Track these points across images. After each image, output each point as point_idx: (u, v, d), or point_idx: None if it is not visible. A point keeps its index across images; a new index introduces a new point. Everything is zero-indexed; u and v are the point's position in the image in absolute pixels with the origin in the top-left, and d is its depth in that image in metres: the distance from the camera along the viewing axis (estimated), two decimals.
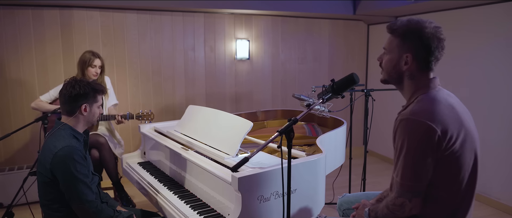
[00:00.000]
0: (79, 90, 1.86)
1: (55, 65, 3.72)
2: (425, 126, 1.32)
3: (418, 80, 1.46)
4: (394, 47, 1.48)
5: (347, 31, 5.04)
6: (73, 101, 1.87)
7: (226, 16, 4.35)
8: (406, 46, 1.45)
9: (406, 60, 1.45)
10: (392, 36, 1.50)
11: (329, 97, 1.57)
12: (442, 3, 3.54)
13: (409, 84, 1.48)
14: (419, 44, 1.42)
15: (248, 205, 1.70)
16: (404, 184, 1.39)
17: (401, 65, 1.47)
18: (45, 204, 1.88)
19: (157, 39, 4.08)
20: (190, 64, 4.26)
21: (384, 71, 1.55)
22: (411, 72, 1.46)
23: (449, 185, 1.39)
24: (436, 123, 1.32)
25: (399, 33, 1.47)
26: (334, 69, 5.04)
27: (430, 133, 1.32)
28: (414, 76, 1.46)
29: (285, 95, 4.81)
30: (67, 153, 1.77)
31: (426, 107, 1.37)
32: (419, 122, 1.33)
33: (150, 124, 2.89)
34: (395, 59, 1.48)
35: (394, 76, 1.51)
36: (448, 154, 1.35)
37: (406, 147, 1.35)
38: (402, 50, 1.46)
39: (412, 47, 1.43)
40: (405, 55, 1.45)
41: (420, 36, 1.42)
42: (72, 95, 1.86)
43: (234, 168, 1.30)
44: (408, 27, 1.45)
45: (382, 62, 1.55)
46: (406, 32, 1.45)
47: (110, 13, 3.84)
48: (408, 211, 1.41)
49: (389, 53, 1.51)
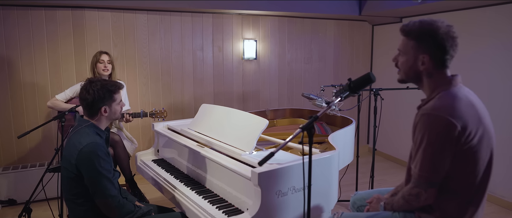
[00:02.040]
0: (94, 96, 1.91)
1: (68, 65, 3.78)
2: (446, 121, 1.39)
3: (436, 77, 1.53)
4: (410, 49, 1.55)
5: (352, 32, 5.11)
6: (92, 107, 1.94)
7: (234, 16, 4.42)
8: (421, 47, 1.51)
9: (423, 61, 1.52)
10: (406, 38, 1.56)
11: (347, 95, 1.64)
12: (449, 4, 3.60)
13: (429, 82, 1.55)
14: (434, 45, 1.49)
15: (266, 200, 1.77)
16: (422, 175, 1.46)
17: (418, 65, 1.54)
18: (70, 199, 1.95)
19: (167, 39, 4.14)
20: (198, 64, 4.33)
21: (401, 72, 1.61)
22: (428, 71, 1.53)
23: (465, 178, 1.46)
24: (457, 119, 1.39)
25: (413, 35, 1.53)
26: (339, 69, 5.11)
27: (450, 127, 1.38)
28: (432, 74, 1.53)
29: (291, 94, 4.88)
30: (92, 149, 1.84)
31: (447, 103, 1.43)
32: (440, 117, 1.40)
33: (163, 122, 2.95)
34: (412, 60, 1.55)
35: (412, 76, 1.58)
36: (466, 149, 1.42)
37: (426, 140, 1.42)
38: (418, 51, 1.52)
39: (428, 48, 1.50)
40: (421, 56, 1.52)
41: (434, 37, 1.48)
42: (90, 102, 1.92)
43: (261, 162, 1.37)
44: (422, 28, 1.51)
45: (398, 63, 1.62)
46: (420, 34, 1.51)
47: (121, 14, 3.91)
48: (423, 201, 1.49)
49: (405, 55, 1.57)
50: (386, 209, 1.65)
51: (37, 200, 3.01)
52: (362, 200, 1.97)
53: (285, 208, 1.85)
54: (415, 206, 1.53)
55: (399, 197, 1.58)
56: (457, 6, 3.74)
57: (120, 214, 1.90)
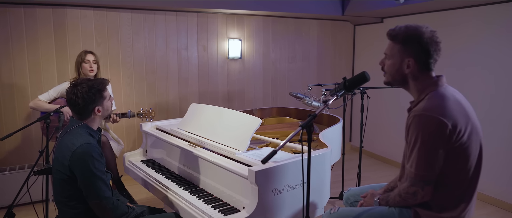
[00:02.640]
0: (85, 100, 1.87)
1: (48, 65, 3.68)
2: (437, 121, 1.45)
3: (422, 79, 1.60)
4: (396, 52, 1.62)
5: (334, 32, 5.19)
6: (84, 110, 1.91)
7: (218, 16, 4.41)
8: (407, 51, 1.59)
9: (408, 64, 1.59)
10: (392, 42, 1.64)
11: (342, 93, 1.68)
12: (430, 4, 3.72)
13: (415, 84, 1.62)
14: (419, 49, 1.56)
15: (263, 198, 1.79)
16: (418, 174, 1.51)
17: (404, 68, 1.61)
18: (62, 201, 1.90)
19: (151, 39, 4.09)
20: (183, 63, 4.30)
21: (387, 74, 1.68)
22: (413, 74, 1.60)
23: (458, 173, 1.52)
24: (447, 118, 1.46)
25: (399, 40, 1.60)
26: (322, 68, 5.18)
27: (442, 127, 1.45)
28: (417, 77, 1.60)
29: (275, 93, 4.92)
30: (86, 150, 1.81)
31: (437, 103, 1.50)
32: (432, 117, 1.46)
33: (151, 122, 2.92)
34: (398, 63, 1.62)
35: (398, 79, 1.65)
36: (457, 146, 1.48)
37: (420, 140, 1.48)
38: (403, 55, 1.60)
39: (413, 52, 1.58)
40: (407, 59, 1.59)
41: (419, 41, 1.56)
42: (81, 107, 1.89)
43: (264, 160, 1.38)
44: (407, 33, 1.58)
45: (384, 66, 1.68)
46: (406, 39, 1.58)
47: (104, 12, 3.83)
48: (420, 198, 1.54)
49: (391, 58, 1.64)
50: (381, 205, 1.70)
51: (19, 204, 2.92)
52: (355, 196, 2.02)
53: (281, 206, 1.87)
54: (411, 203, 1.59)
55: (395, 194, 1.63)
56: (439, 7, 3.87)
57: (114, 215, 1.87)
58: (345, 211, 1.77)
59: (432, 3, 3.62)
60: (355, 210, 1.73)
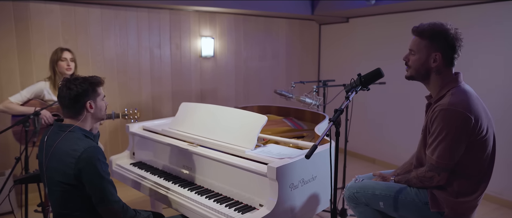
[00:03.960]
0: (77, 89, 1.77)
1: (9, 64, 3.36)
2: (463, 115, 1.58)
3: (444, 74, 1.72)
4: (423, 47, 1.72)
5: (301, 31, 5.33)
6: (75, 102, 1.78)
7: (191, 13, 4.32)
8: (434, 46, 1.69)
9: (435, 58, 1.70)
10: (419, 38, 1.73)
11: (360, 89, 1.75)
12: (401, 5, 3.95)
13: (437, 79, 1.73)
14: (445, 45, 1.68)
15: (282, 193, 1.81)
16: (439, 162, 1.63)
17: (430, 62, 1.71)
18: (65, 214, 1.76)
19: (122, 36, 3.90)
20: (156, 62, 4.16)
21: (411, 69, 1.78)
22: (438, 68, 1.71)
23: (476, 163, 1.67)
24: (471, 113, 1.59)
25: (427, 35, 1.70)
26: (291, 66, 5.30)
27: (466, 121, 1.58)
28: (441, 71, 1.72)
29: (247, 91, 4.93)
30: (92, 154, 1.70)
31: (462, 99, 1.62)
32: (457, 112, 1.58)
33: (138, 123, 2.80)
34: (424, 58, 1.72)
35: (422, 72, 1.75)
36: (478, 139, 1.63)
37: (445, 132, 1.59)
38: (430, 49, 1.70)
39: (440, 47, 1.68)
40: (434, 54, 1.70)
41: (446, 37, 1.67)
42: (72, 97, 1.77)
43: (307, 155, 1.41)
44: (434, 29, 1.69)
45: (408, 61, 1.77)
46: (433, 34, 1.69)
47: (72, 7, 3.58)
48: (436, 182, 1.68)
49: (418, 53, 1.74)
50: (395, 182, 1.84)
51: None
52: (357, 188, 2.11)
53: (296, 200, 1.91)
54: (427, 186, 1.72)
55: (412, 177, 1.76)
56: (406, 8, 4.13)
57: None
58: (367, 182, 1.88)
59: (400, 4, 3.86)
60: (375, 182, 1.85)
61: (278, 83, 5.14)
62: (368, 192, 1.88)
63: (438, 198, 1.69)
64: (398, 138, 4.55)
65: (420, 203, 1.73)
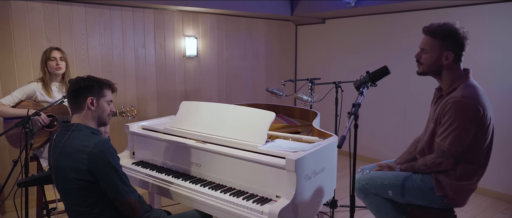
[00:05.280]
0: (82, 84, 1.80)
1: None
2: (474, 107, 1.77)
3: (454, 70, 1.91)
4: (435, 46, 1.89)
5: (279, 31, 5.48)
6: (77, 95, 1.80)
7: (175, 13, 4.32)
8: (446, 45, 1.87)
9: (447, 56, 1.88)
10: (430, 37, 1.90)
11: (370, 85, 1.90)
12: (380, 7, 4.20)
13: (448, 74, 1.92)
14: (456, 44, 1.86)
15: (299, 184, 1.92)
16: (451, 149, 1.82)
17: (442, 60, 1.89)
18: (84, 212, 1.75)
19: (107, 35, 3.84)
20: (141, 62, 4.12)
21: (424, 65, 1.95)
22: (449, 65, 1.90)
23: (478, 150, 1.87)
24: (481, 105, 1.79)
25: (439, 35, 1.88)
26: (270, 66, 5.43)
27: (477, 112, 1.77)
28: (451, 67, 1.90)
29: (229, 90, 5.00)
30: (103, 148, 1.71)
31: (473, 92, 1.82)
32: (470, 104, 1.78)
33: (137, 123, 2.79)
34: (436, 56, 1.90)
35: (434, 69, 1.93)
36: (484, 129, 1.83)
37: (458, 122, 1.78)
38: (442, 48, 1.88)
39: (452, 46, 1.86)
40: (446, 52, 1.88)
41: (456, 37, 1.86)
42: (75, 89, 1.80)
43: (339, 145, 1.53)
44: (446, 30, 1.87)
45: (420, 58, 1.95)
46: (445, 35, 1.87)
47: (55, 5, 3.47)
48: (444, 167, 1.87)
49: (430, 52, 1.91)
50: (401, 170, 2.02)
51: None
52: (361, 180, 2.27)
53: (310, 191, 2.03)
54: (434, 171, 1.91)
55: (420, 164, 1.94)
56: (385, 10, 4.39)
57: (142, 211, 1.81)
58: (375, 173, 2.03)
59: (378, 7, 4.11)
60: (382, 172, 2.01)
61: (258, 82, 5.25)
62: (377, 183, 2.04)
63: (442, 182, 1.89)
64: (376, 132, 4.82)
65: (426, 189, 1.92)
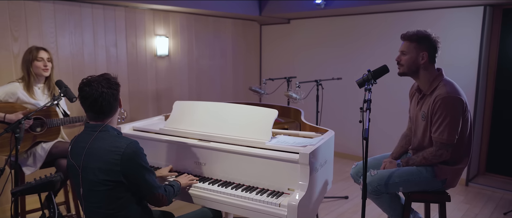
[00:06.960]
0: (111, 95, 1.79)
1: None
2: (459, 100, 2.04)
3: (430, 70, 2.17)
4: (412, 48, 2.16)
5: (245, 31, 5.57)
6: (111, 108, 1.81)
7: (146, 11, 4.22)
8: (421, 47, 2.14)
9: (423, 56, 2.14)
10: (408, 41, 2.17)
11: (372, 83, 2.08)
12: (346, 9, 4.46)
13: (425, 74, 2.17)
14: (430, 45, 2.13)
15: (311, 177, 2.04)
16: (449, 139, 2.06)
17: (419, 60, 2.15)
18: (110, 214, 1.73)
19: (77, 34, 3.65)
20: (112, 61, 3.97)
21: (404, 66, 2.20)
22: (425, 65, 2.16)
23: (463, 135, 2.14)
24: (463, 97, 2.06)
25: (415, 39, 2.15)
26: (237, 64, 5.50)
27: (462, 103, 2.04)
28: (427, 67, 2.16)
29: (200, 89, 4.99)
30: (135, 149, 1.75)
31: (454, 87, 2.09)
32: (455, 98, 2.04)
33: (128, 124, 2.72)
34: (414, 57, 2.16)
35: (413, 69, 2.18)
36: (466, 118, 2.10)
37: (450, 116, 2.03)
38: (419, 50, 2.14)
39: (427, 47, 2.13)
40: (422, 53, 2.14)
41: (429, 40, 2.14)
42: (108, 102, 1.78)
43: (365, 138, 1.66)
44: (420, 34, 2.15)
45: (401, 60, 2.20)
46: (420, 38, 2.14)
47: (21, 1, 3.23)
48: (443, 158, 2.11)
49: (408, 53, 2.17)
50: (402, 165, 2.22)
51: None
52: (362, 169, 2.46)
53: (318, 182, 2.16)
54: (434, 163, 2.14)
55: (420, 158, 2.16)
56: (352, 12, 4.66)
57: (169, 199, 1.92)
58: (383, 172, 2.21)
59: (347, 9, 4.38)
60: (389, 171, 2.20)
61: (226, 81, 5.30)
62: (389, 182, 2.20)
63: (442, 169, 2.15)
64: (353, 129, 5.11)
65: (429, 177, 2.17)
